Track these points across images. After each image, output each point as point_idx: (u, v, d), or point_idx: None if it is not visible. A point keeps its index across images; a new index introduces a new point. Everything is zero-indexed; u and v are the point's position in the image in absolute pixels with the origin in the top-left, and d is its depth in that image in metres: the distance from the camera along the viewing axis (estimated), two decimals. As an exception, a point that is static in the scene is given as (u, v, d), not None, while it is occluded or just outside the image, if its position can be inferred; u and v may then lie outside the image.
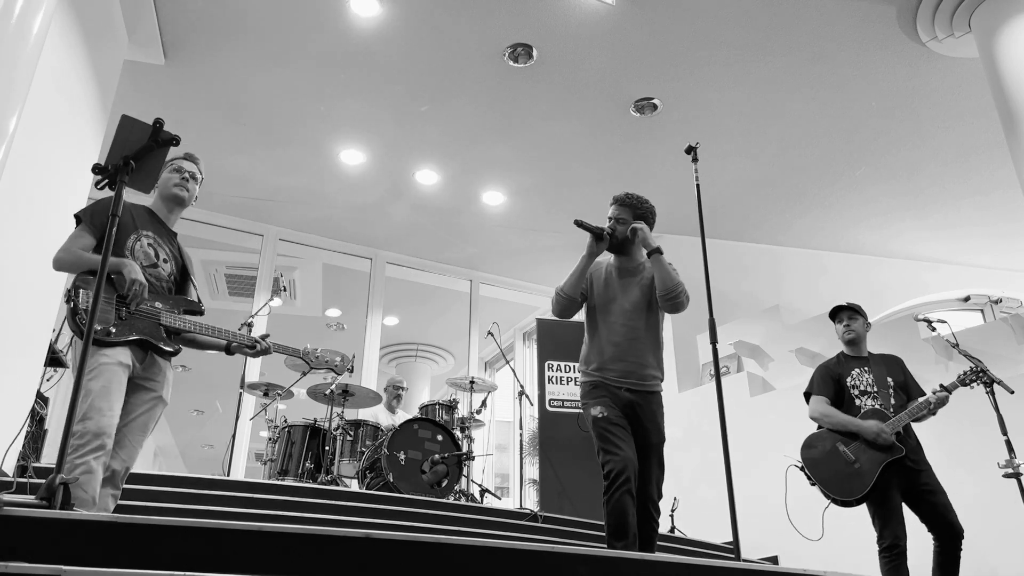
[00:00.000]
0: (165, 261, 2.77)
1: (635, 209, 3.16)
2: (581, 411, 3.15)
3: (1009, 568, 4.45)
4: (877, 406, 3.61)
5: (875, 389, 3.67)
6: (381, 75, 5.78)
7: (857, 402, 3.66)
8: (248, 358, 6.98)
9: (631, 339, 3.04)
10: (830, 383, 3.77)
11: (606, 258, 3.24)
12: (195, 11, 5.18)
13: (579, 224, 3.08)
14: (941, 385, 3.57)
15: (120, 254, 2.60)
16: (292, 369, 6.07)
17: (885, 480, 3.45)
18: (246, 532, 1.60)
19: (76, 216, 2.67)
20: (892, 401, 3.62)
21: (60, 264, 2.56)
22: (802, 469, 3.65)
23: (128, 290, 2.50)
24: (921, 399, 3.61)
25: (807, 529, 3.99)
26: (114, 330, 2.49)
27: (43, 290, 4.22)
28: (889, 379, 3.70)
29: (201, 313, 2.79)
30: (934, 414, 3.56)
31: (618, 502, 2.74)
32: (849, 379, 3.73)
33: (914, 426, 3.65)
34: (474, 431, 6.06)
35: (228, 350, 2.81)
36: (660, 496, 2.96)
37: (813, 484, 3.63)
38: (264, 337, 2.84)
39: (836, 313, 3.92)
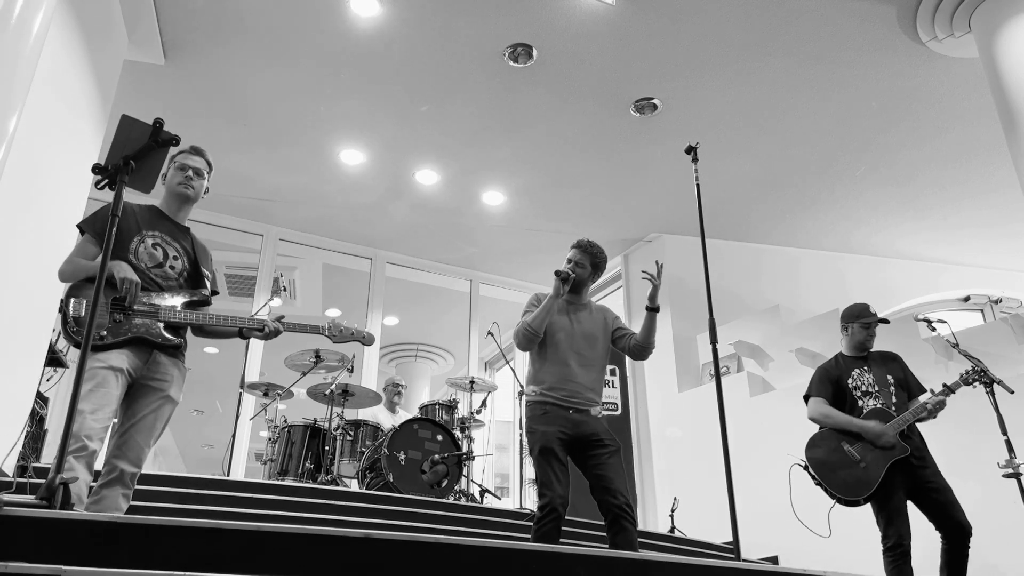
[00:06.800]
0: (175, 258, 2.77)
1: (594, 257, 3.28)
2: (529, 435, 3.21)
3: (1010, 568, 4.45)
4: (880, 405, 3.60)
5: (876, 389, 3.66)
6: (381, 75, 5.78)
7: (860, 403, 3.66)
8: (252, 346, 7.00)
9: (582, 365, 3.19)
10: (828, 384, 3.76)
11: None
12: (195, 11, 5.18)
13: (561, 275, 3.17)
14: (944, 384, 3.56)
15: (123, 258, 2.60)
16: (292, 369, 6.08)
17: (891, 479, 3.44)
18: (246, 532, 1.60)
19: (79, 227, 2.68)
20: (894, 400, 3.61)
21: (63, 275, 2.58)
22: (806, 468, 3.64)
23: (120, 288, 2.50)
24: (922, 398, 3.61)
25: (810, 527, 3.99)
26: (105, 333, 2.50)
27: (43, 290, 4.22)
28: (889, 377, 3.70)
29: (208, 303, 2.80)
30: (934, 416, 3.54)
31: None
32: (850, 380, 3.72)
33: (917, 423, 3.64)
34: (474, 431, 6.06)
35: (241, 335, 2.80)
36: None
37: (817, 484, 3.62)
38: (280, 319, 2.81)
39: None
